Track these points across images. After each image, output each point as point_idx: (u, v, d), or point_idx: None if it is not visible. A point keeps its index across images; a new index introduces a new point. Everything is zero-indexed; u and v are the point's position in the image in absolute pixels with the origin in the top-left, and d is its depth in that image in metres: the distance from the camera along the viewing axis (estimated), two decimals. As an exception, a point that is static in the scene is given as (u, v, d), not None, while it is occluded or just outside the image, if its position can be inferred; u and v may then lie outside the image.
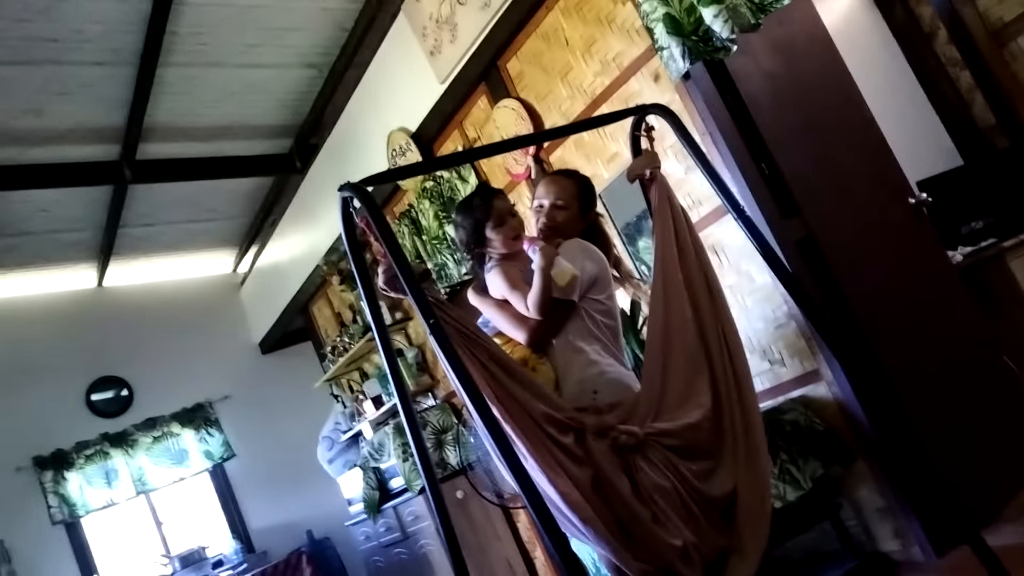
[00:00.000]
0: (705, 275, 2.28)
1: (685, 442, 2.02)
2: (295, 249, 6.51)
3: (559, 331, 2.24)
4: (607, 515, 1.84)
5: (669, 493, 1.93)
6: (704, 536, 1.93)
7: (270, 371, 7.71)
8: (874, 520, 3.09)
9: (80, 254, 6.69)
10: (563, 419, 1.92)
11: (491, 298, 2.35)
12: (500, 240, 2.34)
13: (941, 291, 3.42)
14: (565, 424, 1.92)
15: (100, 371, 7.00)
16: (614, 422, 2.00)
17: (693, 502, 1.95)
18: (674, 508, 1.92)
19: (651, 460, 1.96)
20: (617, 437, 1.96)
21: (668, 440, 2.01)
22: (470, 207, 2.39)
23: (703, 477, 2.00)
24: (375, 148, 4.91)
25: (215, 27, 4.60)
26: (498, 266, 2.32)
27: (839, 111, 3.47)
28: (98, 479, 6.66)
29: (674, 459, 1.99)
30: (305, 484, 7.16)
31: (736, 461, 2.06)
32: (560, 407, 1.96)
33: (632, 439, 1.96)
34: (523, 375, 1.95)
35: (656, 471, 1.95)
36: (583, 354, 2.20)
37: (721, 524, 1.99)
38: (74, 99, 4.85)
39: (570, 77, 3.77)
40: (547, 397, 1.95)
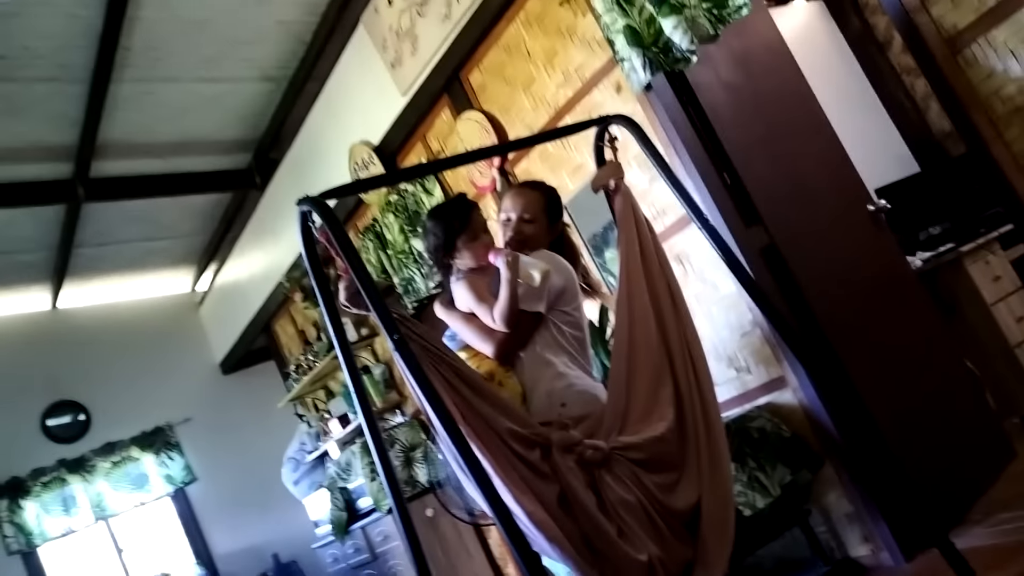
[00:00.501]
0: (669, 285, 2.28)
1: (650, 455, 2.01)
2: (256, 266, 6.41)
3: (527, 344, 2.21)
4: (574, 532, 1.82)
5: (634, 507, 1.92)
6: (670, 549, 1.92)
7: (232, 392, 7.57)
8: (843, 526, 3.10)
9: (33, 276, 6.52)
10: (528, 435, 1.90)
11: (458, 311, 2.32)
12: (471, 254, 2.31)
13: (902, 296, 3.46)
14: (531, 440, 1.90)
15: (56, 395, 6.81)
16: (579, 437, 1.99)
17: (658, 515, 1.95)
18: (639, 522, 1.91)
19: (616, 475, 1.95)
20: (583, 452, 1.94)
21: (633, 454, 2.00)
22: (446, 215, 2.35)
23: (667, 490, 2.00)
24: (337, 162, 4.86)
25: (169, 41, 4.52)
26: (465, 278, 2.29)
27: (798, 120, 3.51)
28: (55, 506, 6.47)
29: (639, 473, 1.98)
30: (270, 506, 7.03)
31: (700, 472, 2.06)
32: (526, 423, 1.94)
33: (598, 454, 1.95)
34: (488, 391, 1.92)
35: (622, 486, 1.94)
36: (551, 366, 2.18)
37: (686, 536, 1.99)
38: (25, 117, 4.74)
39: (533, 89, 3.76)
40: (513, 413, 1.93)
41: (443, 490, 3.37)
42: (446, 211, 2.37)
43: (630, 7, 3.01)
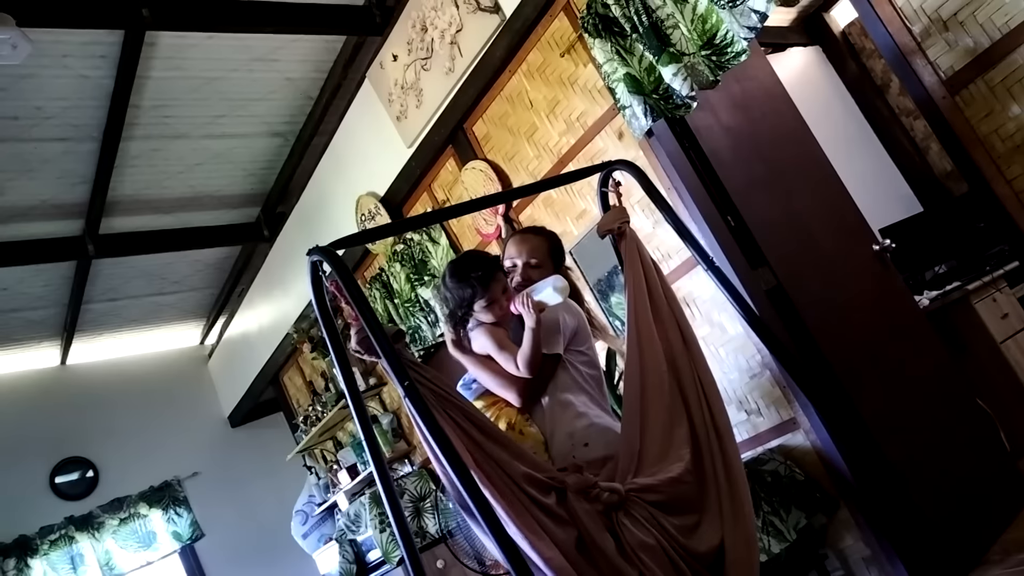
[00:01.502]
0: (679, 326, 2.28)
1: (668, 497, 1.99)
2: (264, 318, 6.43)
3: (546, 388, 2.22)
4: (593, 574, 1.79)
5: (654, 550, 1.89)
6: None
7: (240, 445, 7.54)
8: (860, 569, 3.05)
9: (43, 332, 6.55)
10: (544, 479, 1.88)
11: (475, 355, 2.32)
12: (489, 316, 2.28)
13: (911, 335, 3.45)
14: (546, 484, 1.88)
15: (64, 452, 6.79)
16: (595, 480, 1.97)
17: (680, 558, 1.91)
18: (660, 565, 1.88)
19: (635, 517, 1.93)
20: (599, 495, 1.92)
21: (650, 496, 1.98)
22: (466, 279, 2.28)
23: (688, 532, 1.97)
24: (344, 214, 4.91)
25: (178, 99, 4.61)
26: (484, 326, 2.30)
27: (799, 163, 3.54)
28: (63, 565, 6.40)
29: (657, 515, 1.95)
30: (279, 561, 6.94)
31: (721, 513, 2.03)
32: (540, 467, 1.93)
33: (614, 496, 1.93)
34: (501, 436, 1.91)
35: (640, 528, 1.91)
36: (571, 407, 2.18)
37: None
38: (36, 176, 4.81)
39: (536, 137, 3.82)
40: (526, 457, 1.92)
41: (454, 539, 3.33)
42: (465, 275, 2.29)
43: (630, 56, 3.08)
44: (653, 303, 2.28)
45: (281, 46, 4.52)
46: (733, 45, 2.85)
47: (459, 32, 3.83)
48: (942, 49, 3.70)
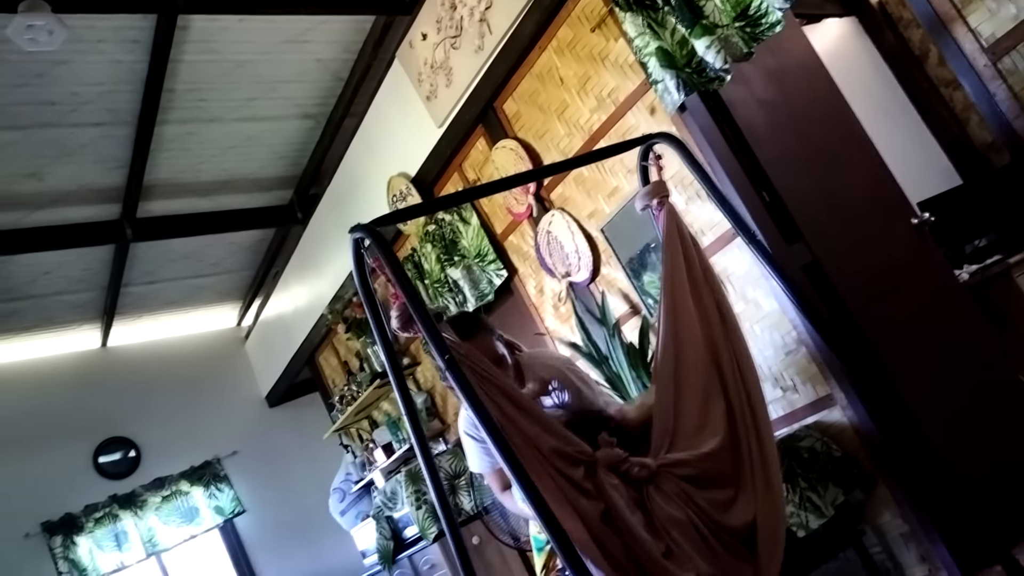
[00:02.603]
0: (717, 302, 2.26)
1: (701, 472, 2.00)
2: (299, 300, 6.50)
3: None
4: (618, 551, 1.80)
5: (684, 525, 1.90)
6: (724, 567, 1.89)
7: (278, 424, 7.65)
8: (898, 545, 3.03)
9: (84, 315, 6.68)
10: (573, 453, 1.89)
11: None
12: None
13: (950, 310, 3.40)
14: (575, 458, 1.89)
15: (107, 432, 6.94)
16: (625, 454, 1.98)
17: (711, 533, 1.92)
18: (690, 540, 1.88)
19: (665, 492, 1.94)
20: (629, 469, 1.94)
21: (683, 470, 1.98)
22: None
23: (721, 507, 1.97)
24: (375, 194, 4.93)
25: (211, 83, 4.65)
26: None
27: (836, 136, 3.48)
28: (108, 542, 6.56)
29: (689, 489, 1.96)
30: (318, 537, 7.06)
31: (755, 489, 2.03)
32: (569, 441, 1.93)
33: (644, 471, 1.94)
34: (533, 409, 1.92)
35: (671, 503, 1.92)
36: None
37: (744, 553, 1.95)
38: (74, 161, 4.89)
39: (567, 115, 3.79)
40: (557, 432, 1.92)
41: (489, 516, 3.36)
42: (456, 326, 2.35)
43: (662, 30, 3.04)
44: (691, 279, 2.27)
45: (311, 27, 4.53)
46: (767, 16, 2.80)
47: (488, 9, 3.80)
48: (983, 16, 3.61)
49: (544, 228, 4.05)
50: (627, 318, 3.81)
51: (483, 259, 4.51)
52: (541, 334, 4.36)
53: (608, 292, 3.84)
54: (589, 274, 3.90)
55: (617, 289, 3.82)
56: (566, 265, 4.01)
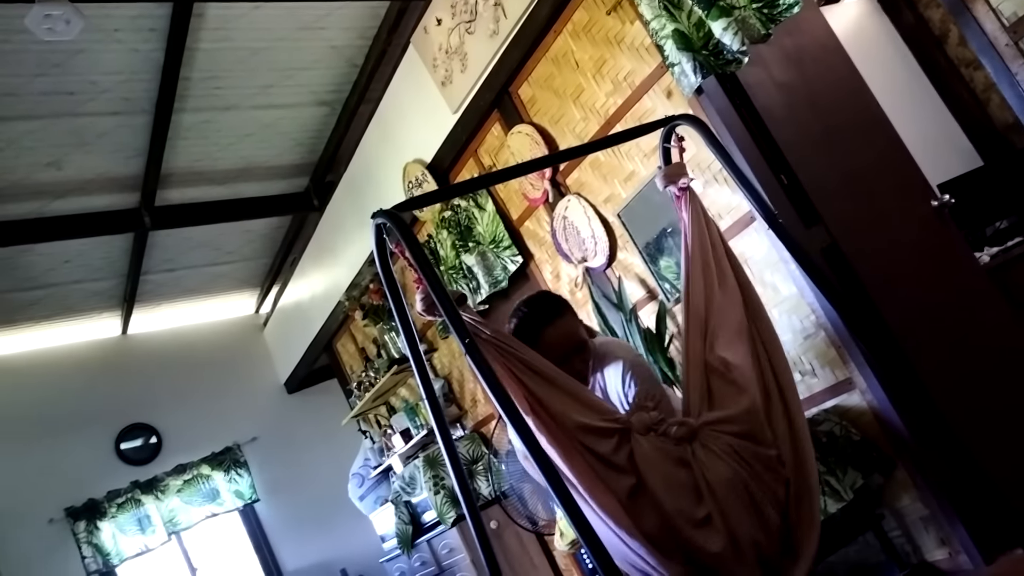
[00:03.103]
0: (741, 285, 2.26)
1: (746, 427, 1.95)
2: (316, 287, 6.53)
3: None
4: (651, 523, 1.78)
5: (734, 484, 1.85)
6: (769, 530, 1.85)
7: (297, 410, 7.71)
8: (918, 529, 3.02)
9: (104, 303, 6.75)
10: (602, 425, 1.86)
11: None
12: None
13: (971, 292, 3.37)
14: (605, 429, 1.85)
15: (128, 419, 7.03)
16: (661, 416, 1.94)
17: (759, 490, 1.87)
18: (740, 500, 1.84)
19: (711, 449, 1.88)
20: (667, 430, 1.89)
21: (728, 426, 1.94)
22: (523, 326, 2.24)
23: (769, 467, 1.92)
24: (391, 181, 4.94)
25: (227, 70, 4.66)
26: None
27: (855, 117, 3.45)
28: (131, 527, 6.66)
29: (737, 444, 1.91)
30: (337, 522, 7.13)
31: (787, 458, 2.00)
32: (601, 411, 1.90)
33: (683, 429, 1.89)
34: (563, 382, 1.89)
35: (718, 461, 1.87)
36: None
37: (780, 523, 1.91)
38: (92, 150, 4.92)
39: (582, 99, 3.78)
40: (588, 403, 1.89)
41: (507, 501, 3.38)
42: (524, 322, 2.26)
43: (678, 12, 3.01)
44: (715, 256, 2.27)
45: (326, 13, 4.53)
46: (785, -3, 2.77)
47: (503, -7, 3.79)
48: (1005, -6, 3.56)
49: (560, 213, 4.04)
50: (644, 303, 3.80)
51: (498, 245, 4.51)
52: (558, 319, 4.35)
53: (625, 277, 3.83)
54: (605, 259, 3.90)
55: (634, 274, 3.82)
56: (582, 250, 4.00)
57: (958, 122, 4.64)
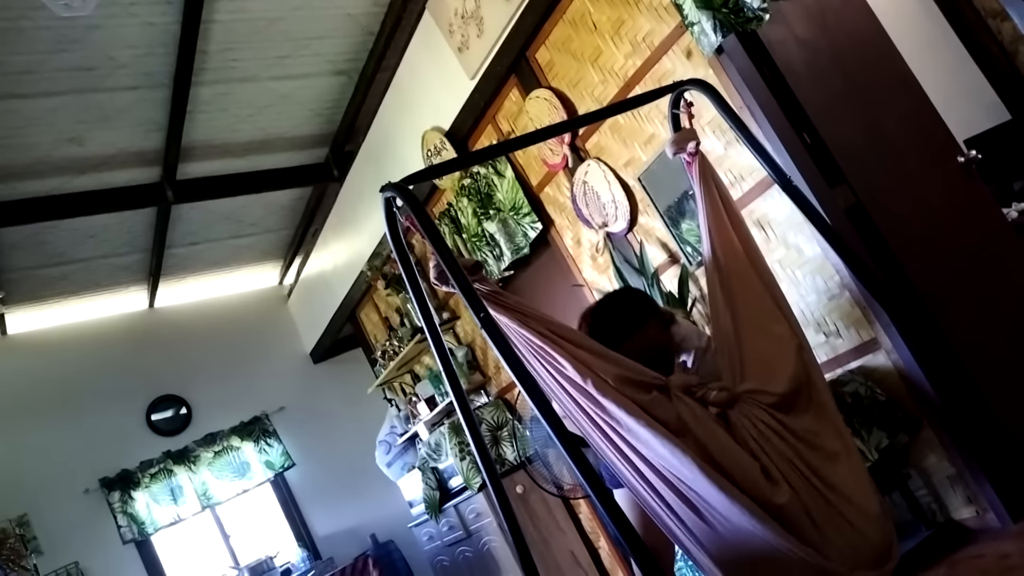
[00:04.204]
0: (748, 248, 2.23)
1: (785, 400, 1.87)
2: (338, 257, 6.56)
3: None
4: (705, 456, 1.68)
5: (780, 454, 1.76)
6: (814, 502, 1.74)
7: (323, 380, 7.80)
8: (945, 488, 3.01)
9: (130, 277, 6.83)
10: (643, 379, 1.79)
11: None
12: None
13: (997, 249, 3.32)
14: (643, 383, 1.79)
15: (158, 391, 7.14)
16: (700, 380, 1.88)
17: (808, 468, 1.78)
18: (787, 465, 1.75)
19: (751, 419, 1.80)
20: (706, 395, 1.81)
21: (766, 398, 1.85)
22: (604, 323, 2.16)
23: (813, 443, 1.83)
24: (410, 150, 4.92)
25: (244, 42, 4.65)
26: None
27: (879, 74, 3.38)
28: (164, 496, 6.79)
29: (779, 416, 1.82)
30: (366, 489, 7.24)
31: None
32: (637, 370, 1.83)
33: (724, 394, 1.81)
34: (593, 345, 1.83)
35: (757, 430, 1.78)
36: None
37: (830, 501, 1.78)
38: (113, 125, 4.94)
39: (601, 61, 3.73)
40: (621, 362, 1.83)
41: (532, 466, 3.40)
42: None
43: (697, -31, 2.96)
44: (732, 219, 2.24)
45: (341, -19, 4.50)
46: (806, -48, 2.71)
47: (518, -44, 3.73)
48: (1034, -58, 3.46)
49: (580, 178, 4.02)
50: (666, 267, 3.79)
51: (518, 212, 4.49)
52: (579, 285, 4.36)
53: (646, 241, 3.81)
54: (626, 224, 3.88)
55: (655, 238, 3.79)
56: (603, 215, 3.98)
57: (985, 75, 4.54)
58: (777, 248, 3.23)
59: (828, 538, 1.70)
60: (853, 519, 1.76)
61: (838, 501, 1.76)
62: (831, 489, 1.77)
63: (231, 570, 6.72)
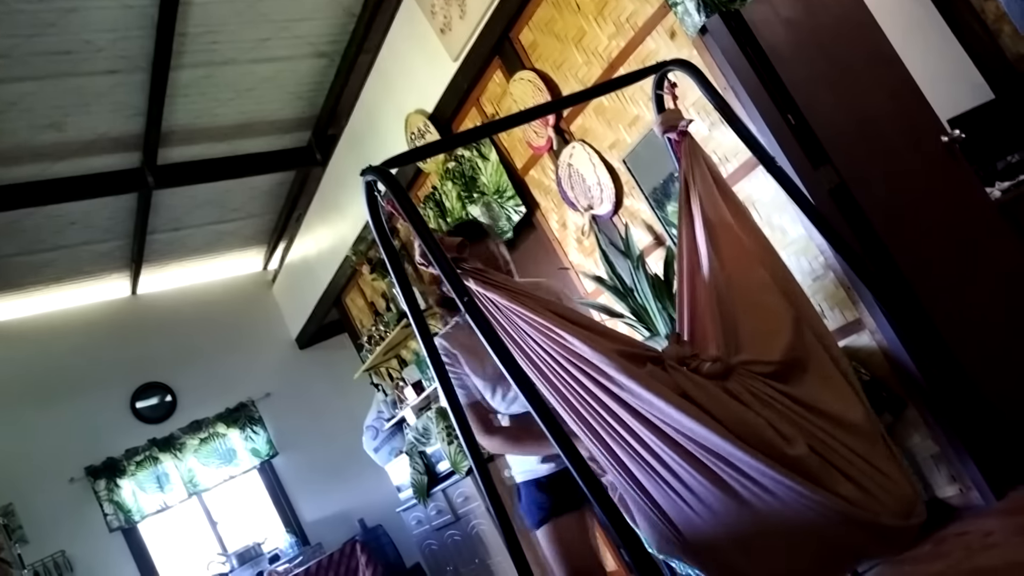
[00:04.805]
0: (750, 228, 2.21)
1: (782, 368, 1.83)
2: (323, 242, 6.52)
3: None
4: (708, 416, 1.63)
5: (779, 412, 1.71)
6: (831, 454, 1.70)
7: (309, 366, 7.78)
8: (929, 467, 3.03)
9: (112, 264, 6.77)
10: (636, 352, 1.74)
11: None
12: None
13: (981, 228, 3.33)
14: (640, 356, 1.74)
15: (142, 378, 7.10)
16: (694, 352, 1.83)
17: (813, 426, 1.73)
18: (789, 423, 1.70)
19: (748, 388, 1.75)
20: (700, 366, 1.76)
21: (762, 368, 1.81)
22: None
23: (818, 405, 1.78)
24: (393, 133, 4.89)
25: (223, 24, 4.59)
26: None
27: (863, 54, 3.38)
28: (150, 484, 6.77)
29: (776, 384, 1.78)
30: (354, 474, 7.23)
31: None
32: (631, 342, 1.80)
33: (718, 366, 1.77)
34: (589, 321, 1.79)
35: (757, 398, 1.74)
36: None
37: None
38: (92, 110, 4.88)
39: (584, 42, 3.71)
40: (617, 336, 1.79)
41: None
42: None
43: (680, -52, 2.93)
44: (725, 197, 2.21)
45: (321, -38, 4.45)
46: (790, -70, 2.69)
47: (501, -64, 3.69)
48: (1018, -80, 3.45)
49: (565, 161, 4.00)
50: (651, 249, 3.78)
51: (502, 195, 4.47)
52: (565, 268, 4.35)
53: (631, 224, 3.80)
54: (612, 206, 3.86)
55: (640, 220, 3.79)
56: (588, 198, 3.97)
57: (969, 54, 4.54)
58: (763, 229, 3.22)
59: (855, 483, 1.66)
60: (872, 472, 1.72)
61: (855, 459, 1.72)
62: (846, 448, 1.73)
63: (219, 556, 6.71)
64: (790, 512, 1.58)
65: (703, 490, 1.61)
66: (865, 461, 1.72)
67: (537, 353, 1.70)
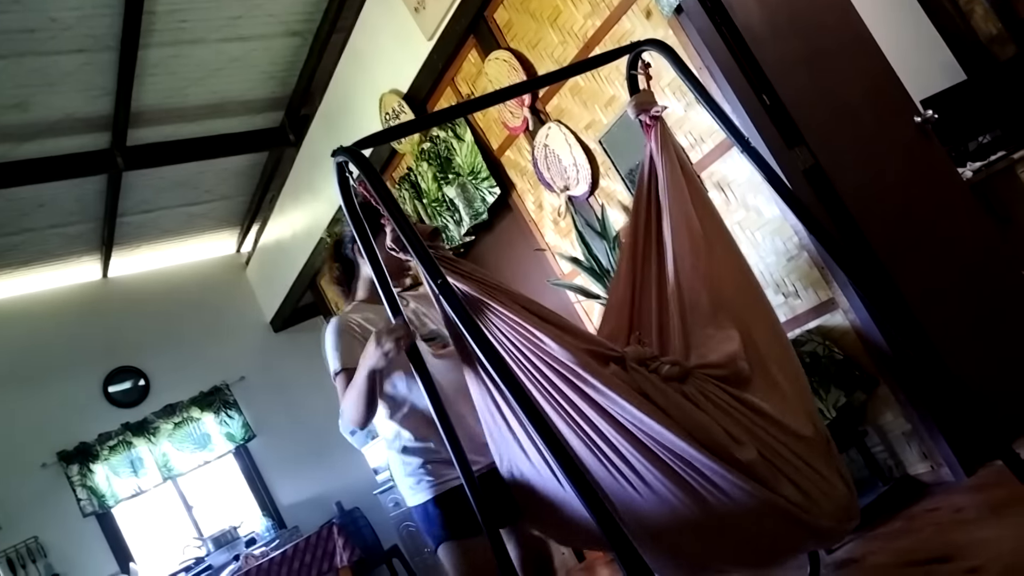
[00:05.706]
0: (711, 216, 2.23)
1: (733, 373, 1.89)
2: (297, 224, 6.46)
3: None
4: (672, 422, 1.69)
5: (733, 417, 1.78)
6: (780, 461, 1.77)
7: (284, 349, 7.72)
8: (901, 444, 3.08)
9: (82, 247, 6.66)
10: (601, 351, 1.79)
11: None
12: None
13: (953, 208, 3.36)
14: (605, 356, 1.79)
15: (114, 362, 7.01)
16: (655, 352, 1.88)
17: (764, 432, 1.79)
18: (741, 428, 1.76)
19: (703, 392, 1.81)
20: (659, 368, 1.81)
21: (716, 371, 1.87)
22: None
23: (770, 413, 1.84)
24: (368, 113, 4.83)
25: (193, 2, 4.50)
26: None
27: (837, 35, 3.39)
28: (124, 468, 6.71)
29: (730, 390, 1.84)
30: (330, 457, 7.21)
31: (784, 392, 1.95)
32: (596, 341, 1.84)
33: (676, 368, 1.82)
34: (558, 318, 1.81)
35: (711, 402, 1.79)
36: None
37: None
38: (58, 89, 4.78)
39: (560, 21, 3.68)
40: (582, 334, 1.84)
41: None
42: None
43: (656, -73, 2.91)
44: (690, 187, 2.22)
45: (292, -61, 4.37)
46: (765, -91, 2.68)
47: (475, -87, 3.65)
48: (990, -99, 3.46)
49: (541, 142, 3.98)
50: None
51: (476, 176, 4.45)
52: (541, 250, 4.34)
53: (608, 205, 3.80)
54: (588, 187, 3.86)
55: (617, 201, 3.78)
56: (564, 179, 3.95)
57: (941, 35, 4.57)
58: (737, 210, 3.24)
59: (798, 488, 1.75)
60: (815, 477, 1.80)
61: (800, 464, 1.80)
62: (792, 453, 1.80)
63: (195, 540, 6.68)
64: (738, 508, 1.67)
65: (656, 481, 1.67)
66: (809, 466, 1.82)
67: (503, 345, 1.70)
